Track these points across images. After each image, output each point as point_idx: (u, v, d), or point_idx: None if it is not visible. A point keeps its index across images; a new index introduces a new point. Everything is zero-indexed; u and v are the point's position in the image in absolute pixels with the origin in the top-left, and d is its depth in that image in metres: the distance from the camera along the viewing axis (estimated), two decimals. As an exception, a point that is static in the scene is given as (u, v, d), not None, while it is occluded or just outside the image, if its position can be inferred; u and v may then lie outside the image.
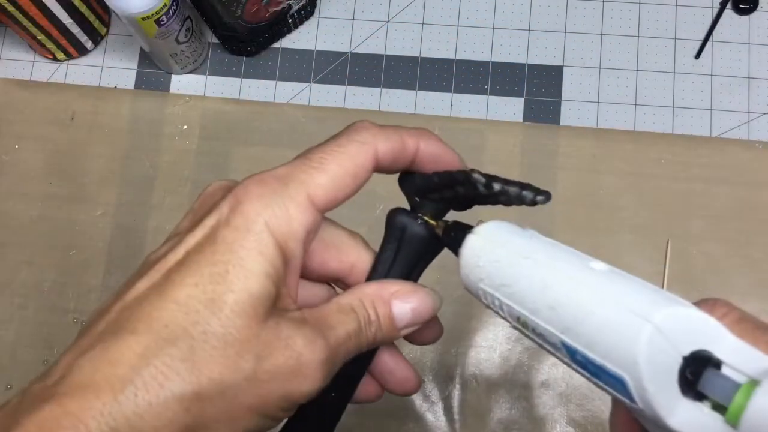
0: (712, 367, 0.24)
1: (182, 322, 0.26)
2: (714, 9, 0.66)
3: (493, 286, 0.30)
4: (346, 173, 0.30)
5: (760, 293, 0.60)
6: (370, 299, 0.31)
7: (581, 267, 0.27)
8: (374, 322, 0.30)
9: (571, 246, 0.30)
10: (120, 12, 0.57)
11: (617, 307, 0.25)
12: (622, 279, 0.27)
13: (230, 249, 0.27)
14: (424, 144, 0.32)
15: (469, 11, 0.67)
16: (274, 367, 0.27)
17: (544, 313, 0.27)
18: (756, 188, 0.62)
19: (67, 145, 0.65)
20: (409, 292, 0.31)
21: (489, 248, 0.31)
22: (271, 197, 0.28)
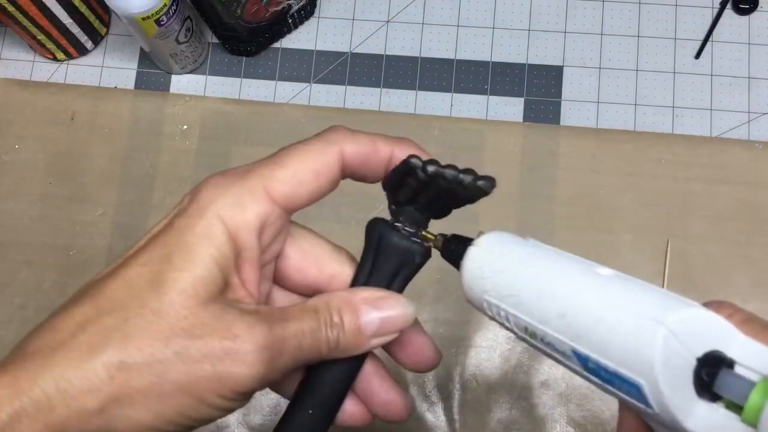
0: (726, 367, 0.24)
1: (124, 296, 0.27)
2: (714, 9, 0.66)
3: (499, 297, 0.30)
4: (308, 170, 0.30)
5: (760, 293, 0.60)
6: (337, 303, 0.30)
7: (588, 273, 0.28)
8: (337, 325, 0.30)
9: (571, 246, 0.30)
10: (120, 12, 0.57)
11: (629, 312, 0.25)
12: (630, 283, 0.27)
13: (180, 233, 0.28)
14: (398, 150, 0.32)
15: (469, 11, 0.68)
16: (207, 347, 0.27)
17: (554, 321, 0.27)
18: (756, 188, 0.62)
19: (67, 145, 0.65)
20: (379, 299, 0.31)
21: (492, 259, 0.31)
22: (228, 188, 0.29)
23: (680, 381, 0.24)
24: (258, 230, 0.29)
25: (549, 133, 0.64)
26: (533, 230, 0.62)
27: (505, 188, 0.63)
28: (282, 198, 0.30)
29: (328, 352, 0.30)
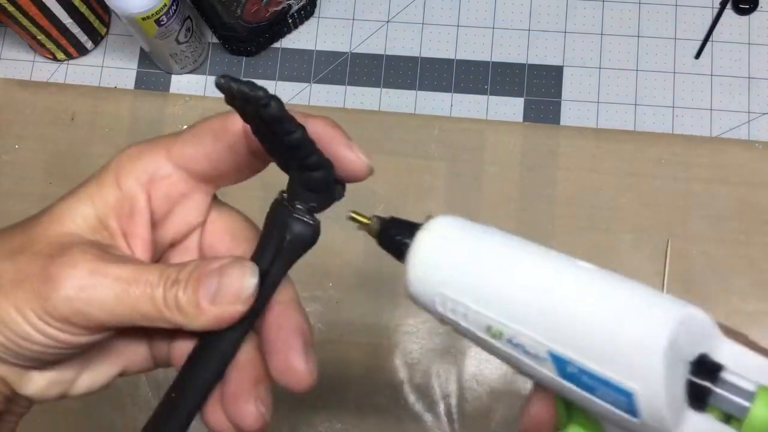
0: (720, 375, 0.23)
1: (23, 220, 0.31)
2: (714, 9, 0.66)
3: (458, 291, 0.26)
4: (207, 132, 0.30)
5: (760, 293, 0.60)
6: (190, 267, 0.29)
7: (569, 266, 0.25)
8: (179, 283, 0.28)
9: (571, 246, 0.29)
10: (120, 12, 0.57)
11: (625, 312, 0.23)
12: (614, 279, 0.24)
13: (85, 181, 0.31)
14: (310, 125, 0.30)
15: (469, 11, 0.67)
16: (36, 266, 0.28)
17: (530, 320, 0.24)
18: (756, 188, 0.62)
19: (67, 145, 0.65)
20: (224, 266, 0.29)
21: (449, 247, 0.27)
22: (137, 147, 0.31)
23: (675, 389, 0.22)
24: (145, 182, 0.30)
25: (549, 133, 0.64)
26: (533, 230, 0.62)
27: (505, 188, 0.63)
28: (178, 156, 0.30)
29: (167, 310, 0.28)
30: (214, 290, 0.28)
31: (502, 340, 0.25)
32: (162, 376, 0.56)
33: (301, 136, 0.27)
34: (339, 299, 0.61)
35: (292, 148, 0.27)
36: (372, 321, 0.60)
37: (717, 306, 0.59)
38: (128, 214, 0.30)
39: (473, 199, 0.62)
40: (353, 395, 0.59)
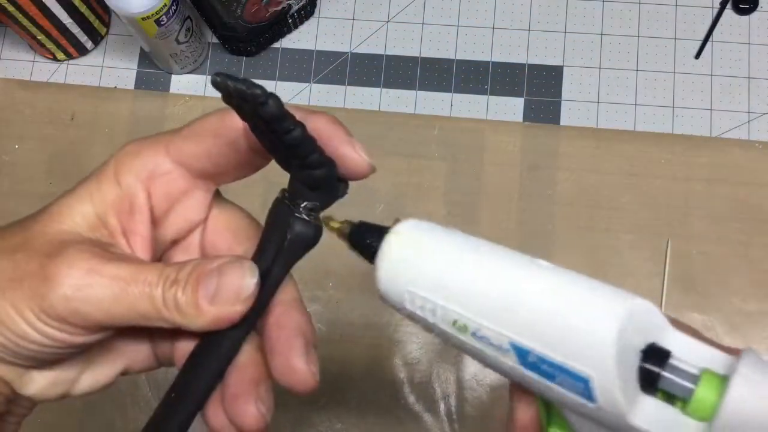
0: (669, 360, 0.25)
1: None
2: (714, 9, 0.66)
3: (428, 287, 0.27)
4: (206, 129, 0.30)
5: (760, 293, 0.60)
6: (190, 266, 0.29)
7: (530, 264, 0.27)
8: (178, 283, 0.28)
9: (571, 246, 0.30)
10: (120, 12, 0.57)
11: (580, 303, 0.25)
12: (571, 275, 0.26)
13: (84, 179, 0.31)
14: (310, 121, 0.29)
15: (469, 11, 0.67)
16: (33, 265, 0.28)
17: (494, 313, 0.26)
18: (756, 188, 0.62)
19: (67, 145, 0.65)
20: (224, 264, 0.29)
21: (419, 248, 0.28)
22: (136, 144, 0.31)
23: (628, 374, 0.24)
24: (144, 178, 0.30)
25: (549, 133, 0.64)
26: (533, 230, 0.62)
27: (505, 188, 0.63)
28: (178, 153, 0.30)
29: (166, 310, 0.28)
30: (213, 290, 0.28)
31: (467, 333, 0.27)
32: (162, 375, 0.56)
33: (300, 134, 0.27)
34: (339, 299, 0.61)
35: (292, 146, 0.27)
36: (372, 321, 0.60)
37: (717, 306, 0.59)
38: (128, 212, 0.30)
39: (473, 199, 0.62)
40: (353, 395, 0.59)
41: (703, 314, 0.59)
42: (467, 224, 0.62)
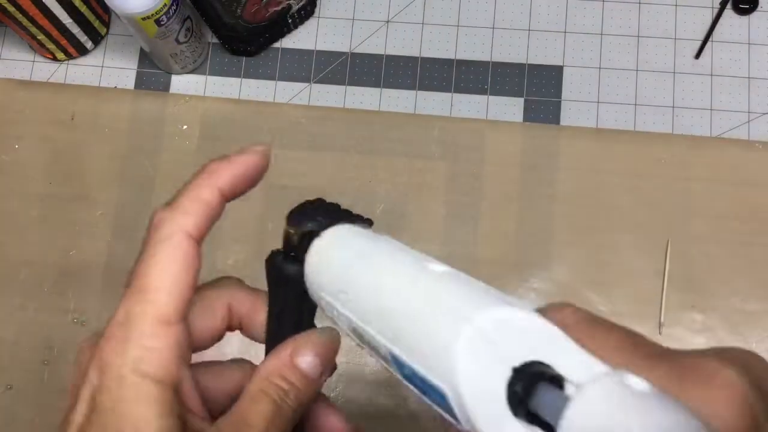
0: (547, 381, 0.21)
1: None
2: (714, 9, 0.66)
3: (331, 293, 0.27)
4: (178, 275, 0.28)
5: (760, 293, 0.60)
6: (276, 372, 0.29)
7: (417, 268, 0.25)
8: (291, 389, 0.29)
9: (571, 246, 0.28)
10: (120, 12, 0.57)
11: (438, 309, 0.22)
12: (458, 281, 0.23)
13: (115, 412, 0.26)
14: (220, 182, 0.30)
15: (469, 11, 0.67)
16: None
17: (375, 320, 0.24)
18: (756, 188, 0.62)
19: (67, 145, 0.65)
20: (304, 344, 0.30)
21: (330, 253, 0.28)
22: (127, 345, 0.27)
23: (491, 393, 0.21)
24: (180, 360, 0.28)
25: (549, 133, 0.64)
26: (533, 230, 0.62)
27: (505, 188, 0.63)
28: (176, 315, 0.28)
29: (296, 414, 0.29)
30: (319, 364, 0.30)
31: (364, 341, 0.26)
32: None
33: None
34: (339, 299, 0.61)
35: None
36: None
37: (717, 306, 0.59)
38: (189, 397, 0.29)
39: (473, 199, 0.62)
40: (353, 395, 0.59)
41: (703, 314, 0.59)
42: (467, 224, 0.62)
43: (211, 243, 0.57)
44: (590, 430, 0.19)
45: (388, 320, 0.24)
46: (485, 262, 0.61)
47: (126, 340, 0.27)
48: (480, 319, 0.21)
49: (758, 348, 0.58)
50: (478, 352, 0.21)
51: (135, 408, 0.26)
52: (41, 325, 0.62)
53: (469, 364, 0.21)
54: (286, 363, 0.29)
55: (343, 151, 0.64)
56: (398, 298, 0.24)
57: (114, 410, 0.26)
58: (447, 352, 0.21)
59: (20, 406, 0.60)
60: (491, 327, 0.21)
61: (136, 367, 0.27)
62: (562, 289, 0.60)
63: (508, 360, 0.21)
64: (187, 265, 0.28)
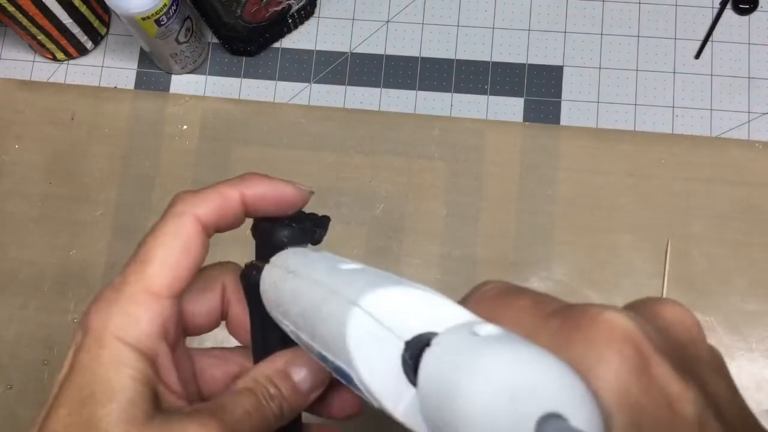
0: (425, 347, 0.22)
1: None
2: (714, 9, 0.66)
3: (276, 309, 0.29)
4: (176, 252, 0.29)
5: (760, 293, 0.60)
6: (266, 375, 0.30)
7: (329, 268, 0.26)
8: (276, 395, 0.30)
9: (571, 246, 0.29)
10: (120, 12, 0.57)
11: (334, 298, 0.24)
12: (361, 273, 0.25)
13: (90, 372, 0.27)
14: (246, 189, 0.31)
15: (469, 11, 0.67)
16: None
17: (300, 322, 0.26)
18: (756, 188, 0.62)
19: (67, 145, 0.65)
20: (301, 357, 0.31)
21: (274, 273, 0.30)
22: (111, 308, 0.28)
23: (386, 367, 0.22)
24: (160, 333, 0.29)
25: (549, 133, 0.64)
26: (533, 230, 0.62)
27: (505, 188, 0.63)
28: (166, 290, 0.29)
29: (276, 421, 0.30)
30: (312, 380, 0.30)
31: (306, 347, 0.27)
32: None
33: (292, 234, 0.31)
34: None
35: None
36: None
37: (717, 306, 0.59)
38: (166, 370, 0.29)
39: (473, 199, 0.62)
40: (353, 395, 0.59)
41: (703, 314, 0.59)
42: (467, 224, 0.62)
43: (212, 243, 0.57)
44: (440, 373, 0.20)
45: (306, 320, 0.25)
46: (485, 262, 0.61)
47: (113, 305, 0.28)
48: (366, 301, 0.22)
49: (758, 348, 0.58)
50: (367, 330, 0.22)
51: (109, 370, 0.27)
52: (41, 325, 0.62)
53: (360, 342, 0.22)
54: (280, 371, 0.30)
55: (343, 151, 0.64)
56: (309, 297, 0.25)
57: (90, 370, 0.27)
58: (341, 335, 0.22)
59: (20, 406, 0.60)
60: (378, 306, 0.22)
61: (116, 331, 0.27)
62: (562, 289, 0.60)
63: (400, 333, 0.22)
64: (188, 245, 0.29)
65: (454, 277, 0.61)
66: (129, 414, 0.26)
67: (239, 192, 0.31)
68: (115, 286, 0.29)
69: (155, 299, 0.28)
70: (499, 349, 0.19)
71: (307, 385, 0.30)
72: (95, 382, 0.27)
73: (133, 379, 0.27)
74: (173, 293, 0.29)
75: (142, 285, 0.28)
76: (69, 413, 0.26)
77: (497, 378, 0.18)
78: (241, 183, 0.31)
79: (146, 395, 0.27)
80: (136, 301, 0.28)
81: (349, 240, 0.61)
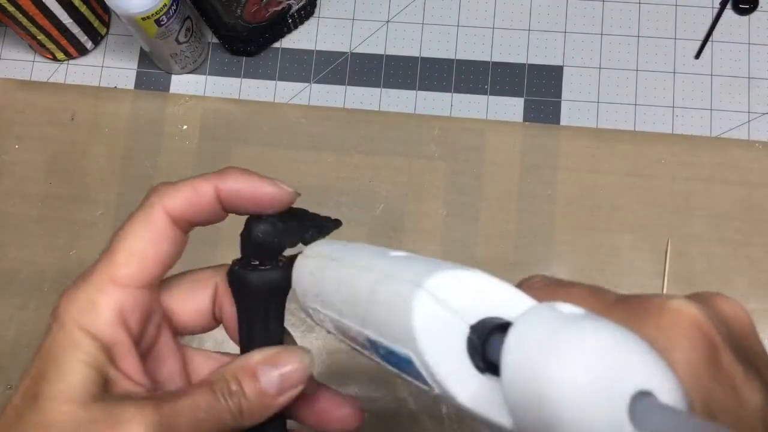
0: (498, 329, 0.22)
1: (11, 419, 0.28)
2: (714, 9, 0.66)
3: (313, 299, 0.28)
4: (143, 243, 0.30)
5: (760, 293, 0.60)
6: (232, 371, 0.30)
7: (378, 254, 0.26)
8: (236, 393, 0.29)
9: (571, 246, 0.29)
10: (120, 12, 0.57)
11: (393, 282, 0.23)
12: (415, 259, 0.25)
13: (47, 352, 0.29)
14: (222, 183, 0.31)
15: (469, 11, 0.67)
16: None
17: (347, 309, 0.26)
18: (756, 188, 0.62)
19: (67, 145, 0.65)
20: (274, 356, 0.30)
21: (309, 263, 0.30)
22: (78, 295, 0.29)
23: (451, 350, 0.22)
24: (119, 321, 0.29)
25: (549, 133, 0.64)
26: (533, 230, 0.62)
27: (505, 188, 0.63)
28: (130, 279, 0.29)
29: (234, 420, 0.29)
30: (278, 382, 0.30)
31: (347, 336, 0.27)
32: None
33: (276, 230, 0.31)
34: (339, 299, 0.61)
35: None
36: (372, 321, 0.60)
37: (717, 306, 0.59)
38: (122, 358, 0.30)
39: (473, 199, 0.62)
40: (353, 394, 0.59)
41: (703, 314, 0.59)
42: (467, 224, 0.62)
43: (211, 243, 0.57)
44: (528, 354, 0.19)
45: (356, 306, 0.25)
46: (485, 262, 0.61)
47: (79, 292, 0.29)
48: (431, 283, 0.22)
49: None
50: (433, 313, 0.22)
51: (62, 352, 0.28)
52: (41, 325, 0.61)
53: (427, 325, 0.22)
54: (248, 369, 0.30)
55: (343, 151, 0.64)
56: (362, 283, 0.25)
57: (47, 352, 0.29)
58: (405, 318, 0.22)
59: (20, 406, 0.60)
60: (443, 289, 0.22)
61: (77, 317, 0.29)
62: (562, 289, 0.60)
63: (464, 317, 0.22)
64: (155, 236, 0.30)
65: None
66: (72, 393, 0.27)
67: (213, 186, 0.31)
68: (84, 275, 0.30)
69: (118, 288, 0.29)
70: (590, 327, 0.19)
71: (274, 387, 0.30)
72: (48, 362, 0.28)
73: (83, 362, 0.28)
74: (140, 283, 0.30)
75: (107, 274, 0.29)
76: (24, 389, 0.28)
77: (592, 357, 0.18)
78: (218, 177, 0.31)
79: (93, 378, 0.28)
80: (99, 289, 0.29)
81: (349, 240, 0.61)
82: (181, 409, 0.28)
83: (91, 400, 0.27)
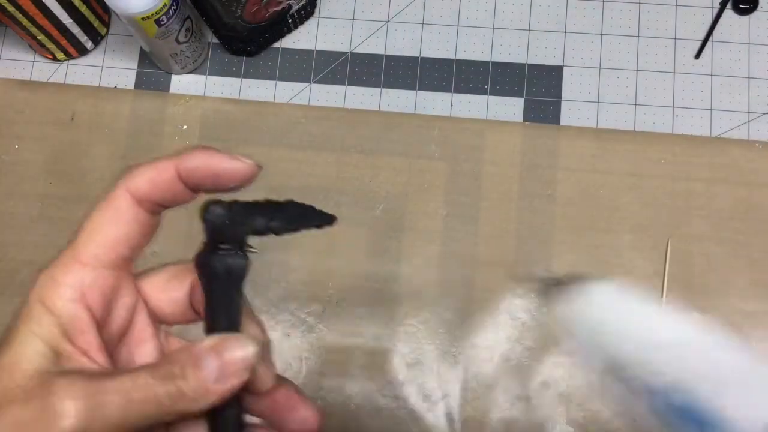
0: None
1: None
2: (714, 9, 0.66)
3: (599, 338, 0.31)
4: (105, 223, 0.31)
5: (760, 293, 0.60)
6: (179, 355, 0.30)
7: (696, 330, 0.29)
8: (176, 376, 0.29)
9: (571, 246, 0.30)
10: (120, 12, 0.57)
11: None
12: None
13: (9, 327, 0.30)
14: (181, 162, 0.31)
15: (469, 11, 0.68)
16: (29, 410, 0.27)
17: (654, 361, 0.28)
18: (756, 188, 0.62)
19: (67, 145, 0.65)
20: (220, 343, 0.30)
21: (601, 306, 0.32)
22: (44, 273, 0.30)
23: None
24: (78, 298, 0.30)
25: (549, 133, 0.64)
26: (533, 230, 0.62)
27: (505, 188, 0.63)
28: (92, 258, 0.30)
29: (171, 403, 0.29)
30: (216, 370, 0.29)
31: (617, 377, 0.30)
32: None
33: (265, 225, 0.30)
34: (339, 299, 0.61)
35: None
36: (372, 321, 0.60)
37: (717, 306, 0.59)
38: (79, 334, 0.30)
39: (473, 199, 0.62)
40: (353, 395, 0.59)
41: (703, 314, 0.59)
42: (467, 224, 0.62)
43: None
44: None
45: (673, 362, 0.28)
46: (485, 262, 0.61)
47: (48, 270, 0.30)
48: None
49: (759, 348, 0.58)
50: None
51: (20, 325, 0.29)
52: (41, 325, 0.62)
53: None
54: (193, 354, 0.29)
55: (343, 151, 0.64)
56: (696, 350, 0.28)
57: (10, 326, 0.30)
58: None
59: (20, 406, 0.60)
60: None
61: (39, 293, 0.30)
62: (562, 289, 0.60)
63: None
64: (117, 217, 0.31)
65: (453, 277, 0.61)
66: (19, 363, 0.28)
67: (174, 165, 0.31)
68: (57, 256, 0.31)
69: (80, 267, 0.30)
70: None
71: (212, 377, 0.29)
72: (8, 336, 0.29)
73: (34, 334, 0.29)
74: (102, 263, 0.30)
75: (72, 254, 0.30)
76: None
77: None
78: (180, 159, 0.31)
79: (42, 351, 0.29)
80: (63, 268, 0.30)
81: (349, 240, 0.61)
82: (114, 386, 0.28)
83: (36, 372, 0.28)
